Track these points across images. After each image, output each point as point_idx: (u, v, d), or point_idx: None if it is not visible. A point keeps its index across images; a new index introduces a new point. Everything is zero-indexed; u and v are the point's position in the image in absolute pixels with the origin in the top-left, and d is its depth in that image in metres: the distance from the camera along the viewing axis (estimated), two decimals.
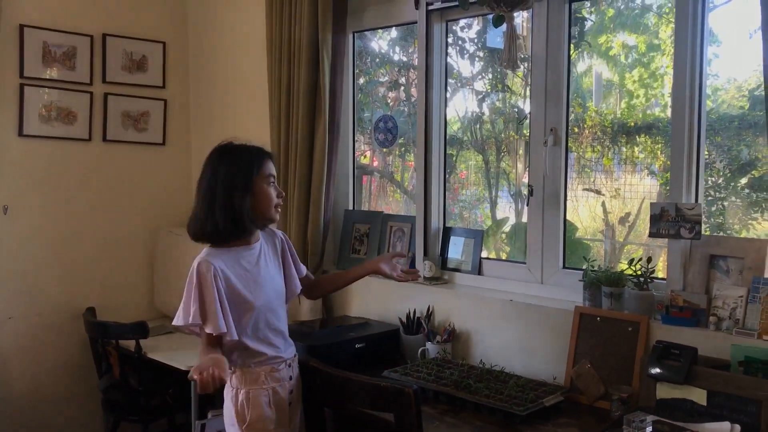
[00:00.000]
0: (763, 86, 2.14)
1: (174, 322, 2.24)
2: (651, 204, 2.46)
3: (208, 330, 2.14)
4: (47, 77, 3.68)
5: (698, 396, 2.11)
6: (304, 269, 2.54)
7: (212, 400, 3.54)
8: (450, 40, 3.27)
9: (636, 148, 2.95)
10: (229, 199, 2.17)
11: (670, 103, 2.58)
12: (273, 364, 2.28)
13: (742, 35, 2.50)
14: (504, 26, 2.73)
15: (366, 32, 3.62)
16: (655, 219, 2.43)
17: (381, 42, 3.76)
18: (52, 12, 3.70)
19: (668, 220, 2.39)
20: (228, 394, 2.29)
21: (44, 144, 3.71)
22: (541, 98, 2.82)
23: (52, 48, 3.68)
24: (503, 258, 3.33)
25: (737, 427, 1.97)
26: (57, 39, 3.69)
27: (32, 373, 3.72)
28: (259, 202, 2.23)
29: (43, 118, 3.68)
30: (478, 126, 3.48)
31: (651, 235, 2.44)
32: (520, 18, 2.92)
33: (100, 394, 3.64)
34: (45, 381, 3.76)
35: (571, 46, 2.81)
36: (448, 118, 3.28)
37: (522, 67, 3.04)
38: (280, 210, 2.32)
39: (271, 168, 2.28)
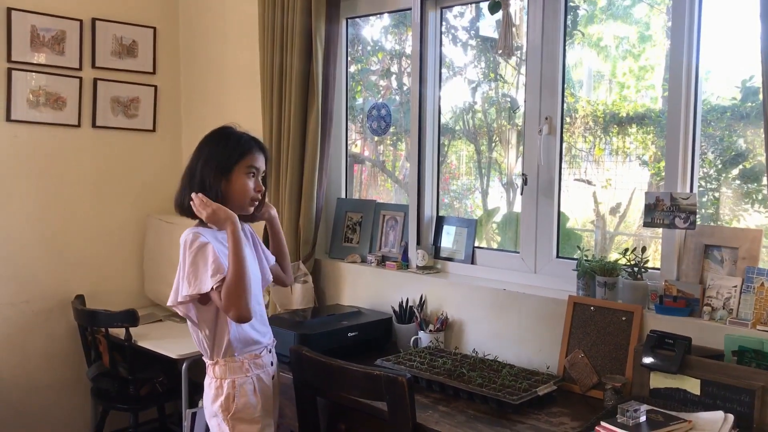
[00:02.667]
0: (755, 76, 2.14)
1: (191, 291, 2.11)
2: (645, 193, 2.45)
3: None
4: (35, 62, 3.63)
5: (692, 385, 2.12)
6: (273, 258, 2.52)
7: (203, 389, 3.54)
8: (443, 28, 3.25)
9: (627, 139, 2.95)
10: (204, 179, 2.18)
11: (661, 94, 2.57)
12: (255, 350, 2.29)
13: (734, 25, 2.50)
14: (499, 14, 2.73)
15: (358, 19, 3.59)
16: (649, 209, 2.43)
17: (373, 29, 3.73)
18: None
19: (663, 210, 2.39)
20: (211, 385, 2.28)
21: (32, 130, 3.67)
22: (536, 87, 2.81)
23: (40, 32, 3.63)
24: (494, 247, 3.33)
25: (730, 416, 1.97)
26: (45, 23, 3.64)
27: (20, 360, 3.69)
28: (233, 191, 2.22)
29: (32, 103, 3.64)
30: (470, 115, 3.47)
31: (645, 224, 2.44)
32: (514, 6, 2.91)
33: (89, 382, 3.63)
34: (33, 369, 3.73)
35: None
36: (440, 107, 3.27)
37: (515, 56, 3.03)
38: (256, 205, 2.31)
39: (256, 160, 2.26)
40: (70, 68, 3.75)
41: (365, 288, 3.23)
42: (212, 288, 2.09)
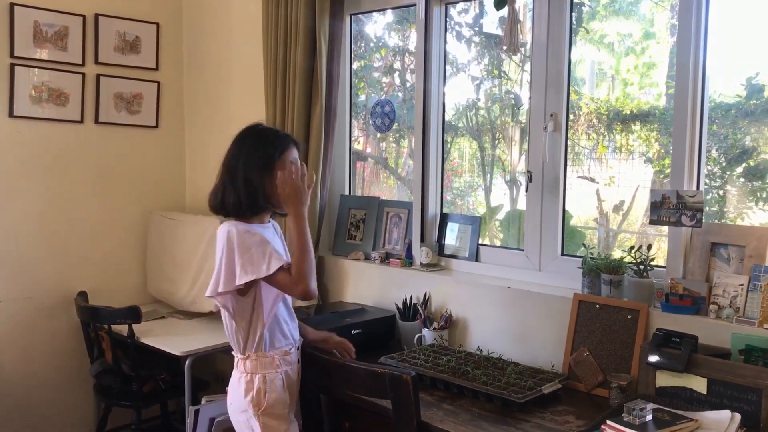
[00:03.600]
0: (760, 73, 2.13)
1: (250, 277, 2.13)
2: (651, 191, 2.44)
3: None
4: (38, 57, 3.62)
5: (698, 384, 2.11)
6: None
7: (206, 386, 3.54)
8: (447, 24, 3.24)
9: (630, 136, 2.94)
10: (248, 176, 2.20)
11: (665, 91, 2.55)
12: (286, 347, 2.28)
13: (738, 22, 2.49)
14: (504, 10, 2.71)
15: (361, 16, 3.58)
16: (655, 206, 2.42)
17: (376, 26, 3.72)
18: None
19: (669, 208, 2.38)
20: (240, 380, 2.26)
21: (35, 125, 3.66)
22: (541, 84, 2.80)
23: (43, 27, 3.61)
24: (497, 245, 3.32)
25: (737, 415, 1.96)
26: (48, 18, 3.63)
27: (23, 357, 3.68)
28: (275, 187, 2.23)
29: (34, 99, 3.63)
30: (473, 112, 3.46)
31: (652, 222, 2.43)
32: (519, 3, 2.89)
33: (92, 379, 3.61)
34: (36, 365, 3.72)
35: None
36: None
37: (520, 53, 3.02)
38: None
39: (294, 155, 2.29)
40: (73, 64, 3.74)
41: (369, 285, 3.23)
42: (280, 268, 2.11)
